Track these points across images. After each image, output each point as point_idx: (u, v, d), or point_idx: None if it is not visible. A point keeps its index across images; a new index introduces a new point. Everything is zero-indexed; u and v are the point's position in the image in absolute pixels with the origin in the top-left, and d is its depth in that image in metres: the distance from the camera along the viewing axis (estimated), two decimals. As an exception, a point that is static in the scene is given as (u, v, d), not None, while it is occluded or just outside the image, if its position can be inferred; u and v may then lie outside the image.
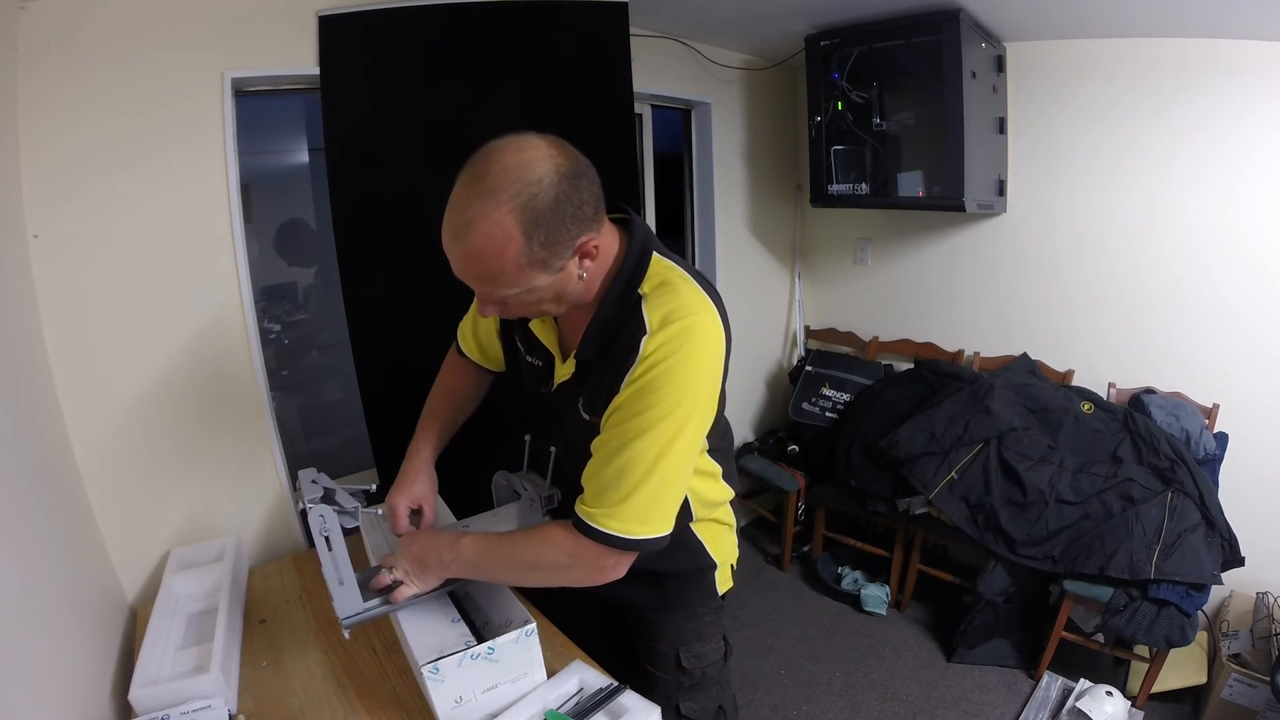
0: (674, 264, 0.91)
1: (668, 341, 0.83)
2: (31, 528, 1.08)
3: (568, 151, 0.81)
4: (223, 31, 1.46)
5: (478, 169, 0.77)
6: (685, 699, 1.18)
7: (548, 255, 0.78)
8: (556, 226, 0.77)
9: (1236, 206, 2.05)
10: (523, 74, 1.78)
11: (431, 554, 0.99)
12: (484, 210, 0.75)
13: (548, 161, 0.77)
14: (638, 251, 0.89)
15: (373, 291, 1.69)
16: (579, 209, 0.79)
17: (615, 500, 0.85)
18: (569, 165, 0.79)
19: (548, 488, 1.15)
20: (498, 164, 0.76)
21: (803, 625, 2.48)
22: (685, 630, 1.15)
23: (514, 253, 0.76)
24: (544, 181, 0.76)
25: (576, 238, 0.80)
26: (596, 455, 0.89)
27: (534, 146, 0.78)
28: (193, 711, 1.00)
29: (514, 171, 0.75)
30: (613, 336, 0.88)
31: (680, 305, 0.85)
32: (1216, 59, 2.00)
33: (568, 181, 0.77)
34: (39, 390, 1.27)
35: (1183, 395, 2.23)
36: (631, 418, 0.84)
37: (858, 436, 2.47)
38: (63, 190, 1.31)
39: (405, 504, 1.09)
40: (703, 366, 0.85)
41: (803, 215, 3.09)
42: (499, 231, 0.75)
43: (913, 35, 2.12)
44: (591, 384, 0.92)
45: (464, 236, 0.77)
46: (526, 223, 0.75)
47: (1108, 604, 1.89)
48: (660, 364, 0.82)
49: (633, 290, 0.88)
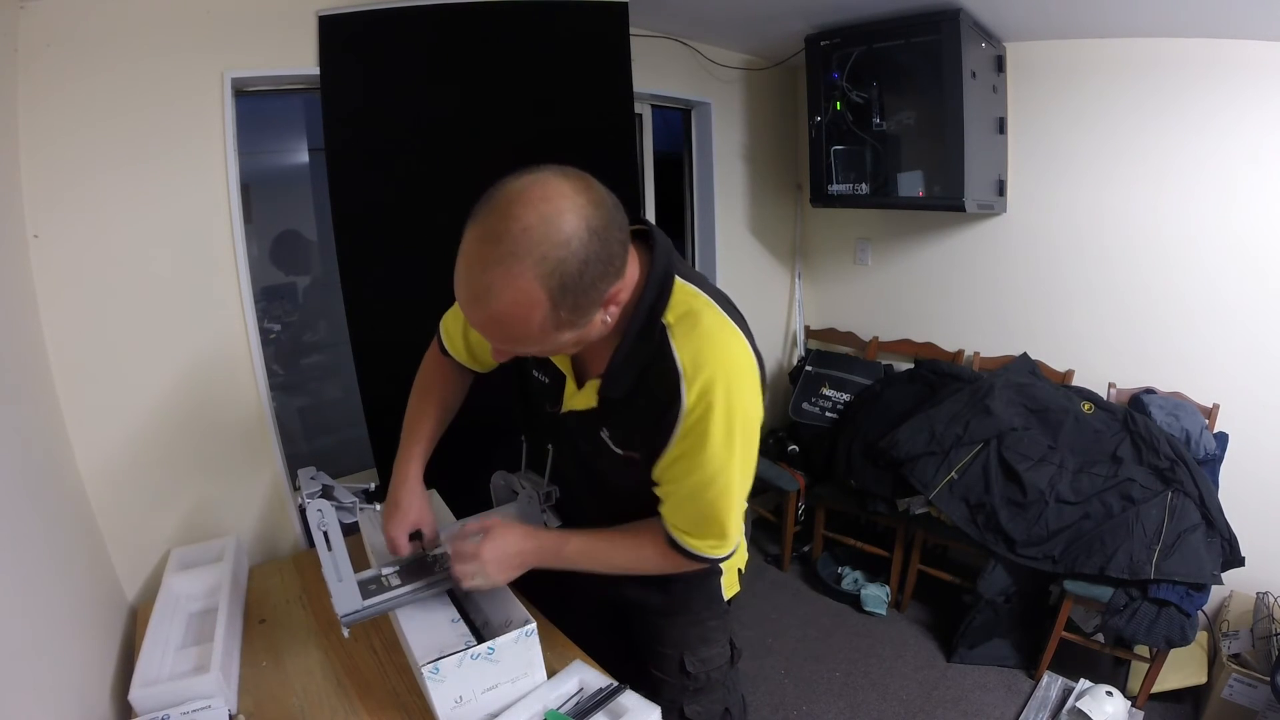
0: (696, 288, 0.86)
1: (709, 388, 0.80)
2: (31, 527, 1.08)
3: (594, 193, 0.72)
4: (223, 31, 1.46)
5: (495, 226, 0.68)
6: (690, 702, 1.17)
7: (574, 317, 0.73)
8: (585, 290, 0.71)
9: (1237, 207, 2.05)
10: (523, 74, 1.78)
11: (534, 559, 1.01)
12: (506, 277, 0.68)
13: (575, 215, 0.69)
14: (659, 278, 0.83)
15: (373, 291, 1.69)
16: (608, 264, 0.73)
17: (706, 533, 0.92)
18: (597, 215, 0.71)
19: (545, 485, 1.15)
20: (519, 221, 0.67)
21: (803, 625, 2.48)
22: (690, 635, 1.15)
23: (539, 319, 0.71)
24: (572, 243, 0.68)
25: (604, 293, 0.75)
26: (672, 498, 0.91)
27: (559, 195, 0.69)
28: (193, 711, 1.00)
29: (538, 231, 0.67)
30: (641, 373, 0.84)
31: (710, 342, 0.82)
32: (1217, 59, 2.00)
33: (597, 238, 0.70)
34: (39, 390, 1.27)
35: (1183, 395, 2.23)
36: (693, 470, 0.85)
37: (858, 436, 2.47)
38: (63, 190, 1.31)
39: (404, 533, 1.07)
40: (747, 403, 0.84)
41: (803, 215, 3.09)
42: (523, 299, 0.69)
43: (913, 35, 2.12)
44: (622, 423, 0.90)
45: (484, 302, 0.70)
46: (554, 290, 0.69)
47: (1108, 604, 1.89)
48: (706, 415, 0.81)
49: (656, 320, 0.83)
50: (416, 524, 1.08)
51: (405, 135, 1.68)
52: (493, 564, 0.99)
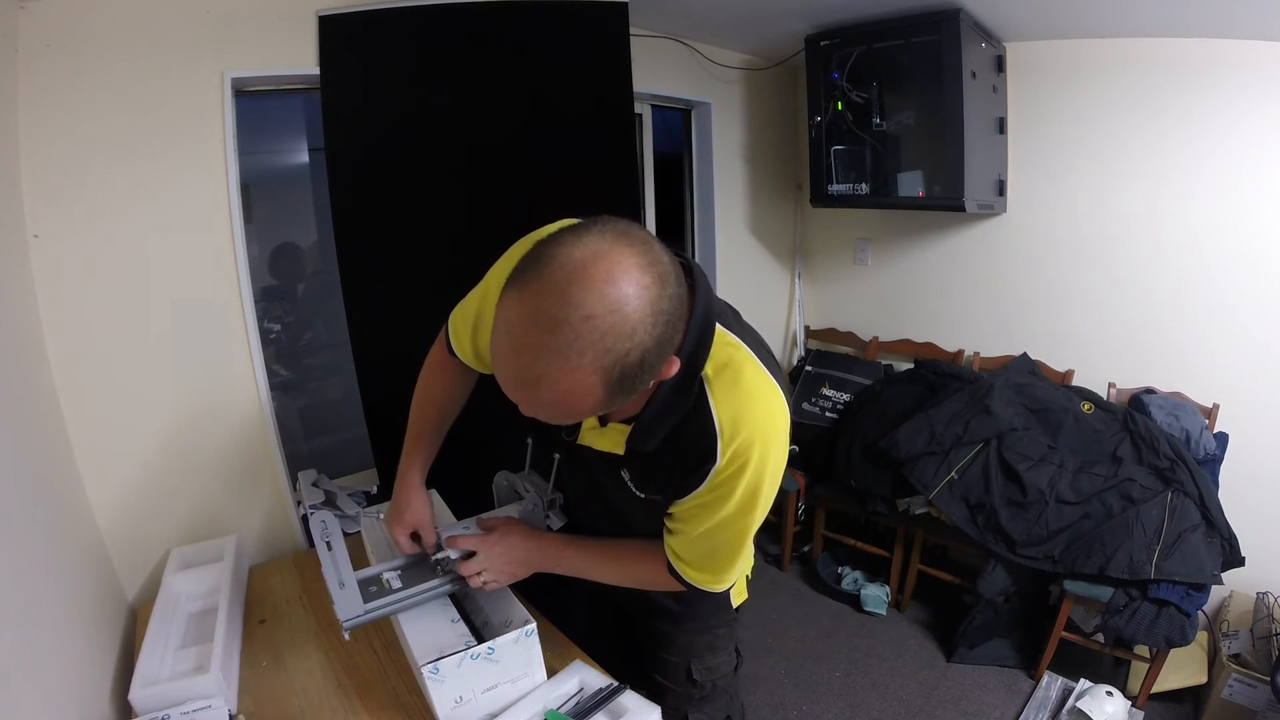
0: (735, 337, 0.81)
1: (744, 448, 0.78)
2: (31, 527, 1.08)
3: (659, 267, 0.64)
4: (223, 31, 1.46)
5: (552, 311, 0.60)
6: (694, 710, 1.17)
7: (626, 398, 0.68)
8: (644, 377, 0.66)
9: (1237, 206, 2.05)
10: (523, 74, 1.78)
11: (536, 558, 1.03)
12: (563, 369, 0.61)
13: (641, 300, 0.61)
14: (699, 327, 0.75)
15: (373, 291, 1.69)
16: (668, 344, 0.67)
17: (710, 569, 0.93)
18: (663, 295, 0.63)
19: (550, 490, 1.15)
20: (580, 309, 0.59)
21: (803, 625, 2.48)
22: (698, 643, 1.15)
23: (591, 404, 0.66)
24: (637, 333, 0.61)
25: (659, 372, 0.69)
26: (681, 535, 0.91)
27: (624, 275, 0.61)
28: (193, 711, 1.00)
29: (602, 322, 0.60)
30: (676, 427, 0.81)
31: (749, 400, 0.78)
32: (1217, 59, 2.00)
33: (662, 323, 0.63)
34: (39, 390, 1.27)
35: (1183, 395, 2.23)
36: (715, 514, 0.85)
37: (858, 436, 2.47)
38: (63, 190, 1.31)
39: (404, 533, 1.08)
40: (778, 462, 0.83)
41: (803, 215, 3.09)
42: (578, 390, 0.63)
43: (913, 35, 2.12)
44: (648, 470, 0.89)
45: (533, 389, 0.64)
46: (612, 384, 0.63)
47: (1108, 604, 1.89)
48: (738, 475, 0.80)
49: (695, 374, 0.77)
50: (413, 524, 1.08)
51: (405, 135, 1.68)
52: (500, 560, 1.00)
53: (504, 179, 1.79)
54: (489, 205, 1.76)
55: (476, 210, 1.76)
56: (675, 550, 0.93)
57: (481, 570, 1.01)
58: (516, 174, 1.80)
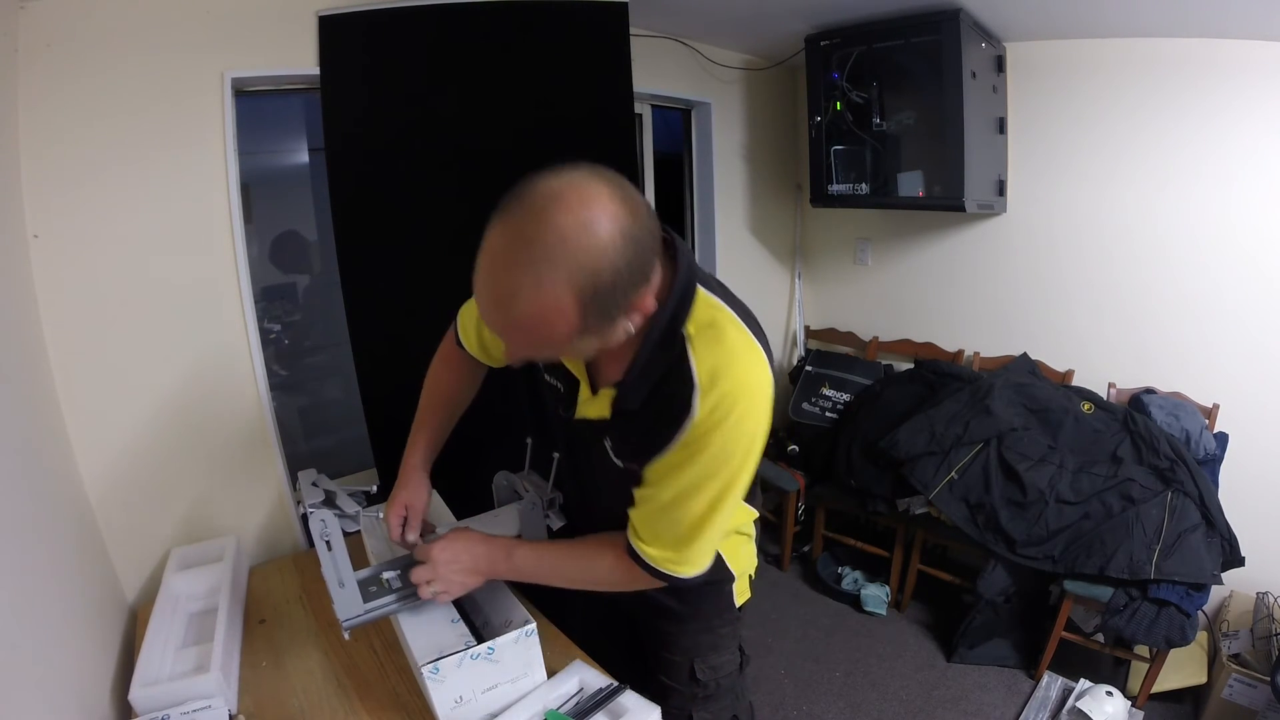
0: (718, 300, 0.84)
1: (721, 402, 0.77)
2: (32, 528, 1.08)
3: (630, 198, 0.69)
4: (223, 31, 1.46)
5: (528, 229, 0.65)
6: (699, 710, 1.17)
7: (600, 325, 0.71)
8: (616, 299, 0.69)
9: (1237, 206, 2.05)
10: (523, 74, 1.78)
11: (485, 564, 0.99)
12: (535, 282, 0.65)
13: (611, 222, 0.66)
14: (681, 287, 0.79)
15: (373, 291, 1.69)
16: (639, 269, 0.70)
17: (670, 548, 0.88)
18: (633, 222, 0.68)
19: (549, 490, 1.15)
20: (553, 225, 0.64)
21: (803, 625, 2.48)
22: (701, 642, 1.14)
23: (564, 328, 0.68)
24: (608, 252, 0.65)
25: (633, 301, 0.72)
26: (648, 503, 0.87)
27: (596, 200, 0.66)
28: (193, 711, 1.00)
29: (574, 238, 0.64)
30: (657, 385, 0.82)
31: (730, 357, 0.79)
32: (1216, 59, 2.00)
33: (633, 245, 0.67)
34: (39, 390, 1.27)
35: (1183, 395, 2.23)
36: (682, 479, 0.82)
37: (858, 436, 2.47)
38: (63, 190, 1.31)
39: (396, 513, 1.07)
40: (757, 425, 0.81)
41: (803, 215, 3.09)
42: (551, 307, 0.66)
43: (913, 35, 2.12)
44: (630, 433, 0.88)
45: (507, 307, 0.68)
46: (585, 300, 0.66)
47: (1108, 604, 1.89)
48: (716, 427, 0.78)
49: (676, 331, 0.80)
50: (407, 504, 1.08)
51: (405, 135, 1.68)
52: (447, 568, 0.97)
53: (504, 179, 1.76)
54: (489, 205, 1.74)
55: (476, 210, 1.73)
56: (636, 526, 0.89)
57: (430, 580, 0.97)
58: (516, 174, 1.77)
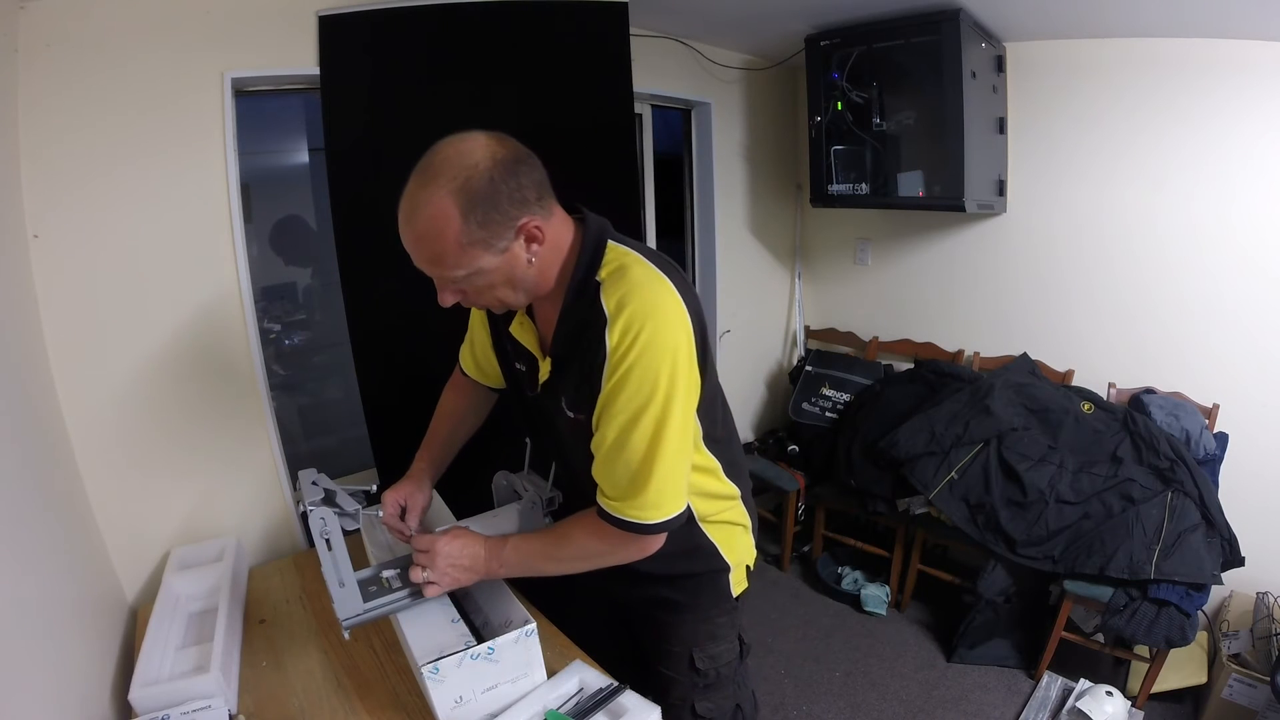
0: (629, 248, 0.93)
1: (629, 328, 0.84)
2: (31, 528, 1.08)
3: (508, 143, 0.85)
4: (223, 31, 1.46)
5: (423, 162, 0.84)
6: (700, 699, 1.17)
7: (487, 235, 0.83)
8: (493, 207, 0.82)
9: (1237, 206, 2.05)
10: (523, 74, 1.78)
11: (481, 564, 1.02)
12: (425, 195, 0.81)
13: (484, 149, 0.82)
14: (593, 240, 0.92)
15: (373, 291, 1.69)
16: (516, 192, 0.83)
17: (630, 493, 0.90)
18: (506, 154, 0.83)
19: (549, 489, 1.15)
20: (440, 155, 0.82)
21: (803, 625, 2.48)
22: (698, 632, 1.15)
23: (454, 231, 0.81)
24: (479, 166, 0.81)
25: (516, 219, 0.84)
26: (598, 454, 0.91)
27: (473, 139, 0.83)
28: (193, 711, 1.00)
29: (453, 159, 0.81)
30: (579, 329, 0.90)
31: (632, 286, 0.87)
32: (1216, 59, 2.00)
33: (504, 167, 0.82)
34: (39, 390, 1.27)
35: (1183, 395, 2.23)
36: (619, 413, 0.87)
37: (858, 436, 2.47)
38: (63, 190, 1.31)
39: (395, 499, 1.11)
40: (667, 341, 0.85)
41: (803, 215, 3.09)
42: (438, 213, 0.81)
43: (913, 35, 2.12)
44: (569, 380, 0.94)
45: (410, 221, 0.84)
46: (463, 203, 0.80)
47: (1108, 604, 1.89)
48: (628, 353, 0.84)
49: (591, 279, 0.90)
50: (404, 497, 1.12)
51: (406, 135, 1.66)
52: (443, 559, 1.00)
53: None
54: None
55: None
56: (599, 483, 0.93)
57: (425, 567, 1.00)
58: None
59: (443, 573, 1.00)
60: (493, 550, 1.02)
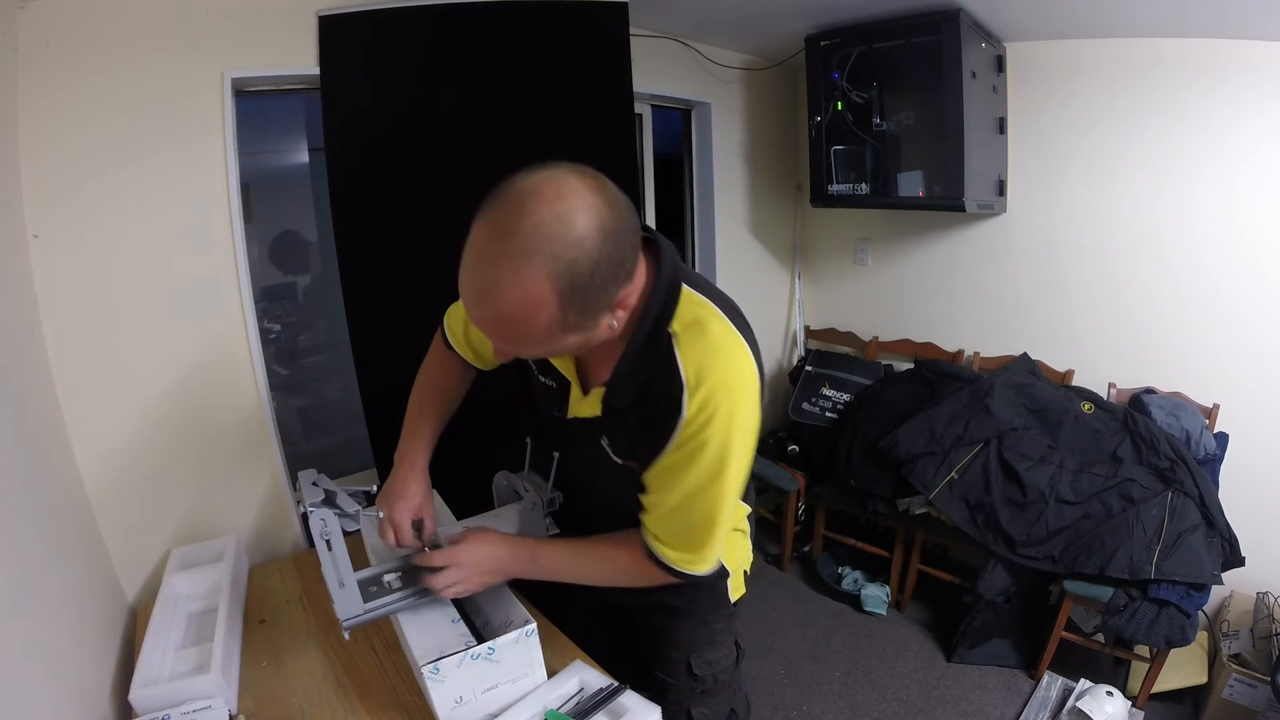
0: (703, 297, 0.84)
1: (707, 402, 0.79)
2: (31, 528, 1.08)
3: (608, 193, 0.70)
4: (223, 31, 1.46)
5: (506, 222, 0.66)
6: (697, 705, 1.17)
7: (582, 319, 0.71)
8: (596, 293, 0.69)
9: (1237, 206, 2.05)
10: (523, 74, 1.78)
11: (509, 564, 1.01)
12: (514, 274, 0.66)
13: (589, 214, 0.66)
14: (666, 285, 0.80)
15: (373, 291, 1.69)
16: (620, 266, 0.71)
17: (685, 546, 0.90)
18: (611, 215, 0.68)
19: (549, 490, 1.14)
20: (530, 218, 0.65)
21: (803, 625, 2.48)
22: (697, 637, 1.14)
23: (545, 320, 0.69)
24: (585, 244, 0.66)
25: (614, 296, 0.73)
26: (657, 509, 0.89)
27: (572, 193, 0.67)
28: (193, 711, 1.00)
29: (550, 230, 0.65)
30: (645, 384, 0.83)
31: (713, 353, 0.80)
32: (1217, 59, 2.00)
33: (611, 239, 0.68)
34: (39, 390, 1.27)
35: (1183, 395, 2.23)
36: (685, 481, 0.84)
37: (858, 436, 2.47)
38: (63, 190, 1.31)
39: (407, 519, 1.04)
40: (747, 418, 0.82)
41: (803, 215, 3.09)
42: (531, 299, 0.67)
43: (913, 35, 2.12)
44: (624, 432, 0.89)
45: (490, 300, 0.68)
46: (564, 291, 0.67)
47: (1108, 604, 1.90)
48: (705, 429, 0.79)
49: (662, 330, 0.81)
50: (419, 511, 1.05)
51: (405, 135, 1.68)
52: (469, 568, 0.98)
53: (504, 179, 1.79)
54: (489, 205, 1.76)
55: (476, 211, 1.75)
56: (651, 529, 0.91)
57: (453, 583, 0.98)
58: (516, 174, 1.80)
59: (471, 580, 0.99)
60: (525, 551, 1.01)
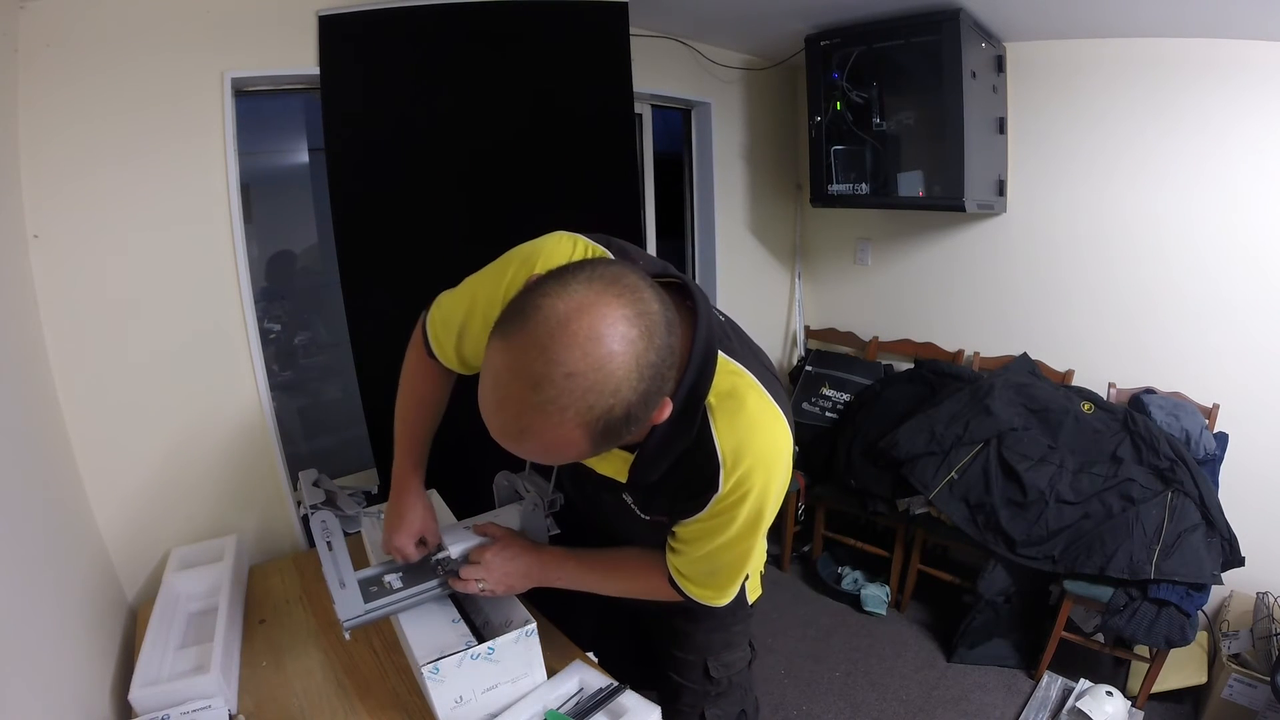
0: (738, 365, 0.79)
1: (744, 480, 0.77)
2: (31, 528, 1.08)
3: (645, 317, 0.61)
4: (223, 31, 1.46)
5: (535, 368, 0.58)
6: (711, 707, 1.18)
7: (616, 443, 0.66)
8: (629, 430, 0.64)
9: (1237, 206, 2.05)
10: (523, 74, 1.78)
11: (537, 571, 1.04)
12: (545, 424, 0.60)
13: (626, 355, 0.59)
14: (701, 356, 0.73)
15: (372, 291, 1.69)
16: (657, 394, 0.64)
17: (711, 584, 0.92)
18: (648, 347, 0.61)
19: (550, 491, 1.14)
20: (561, 367, 0.58)
21: (803, 625, 2.48)
22: (714, 640, 1.15)
23: (576, 453, 0.65)
24: (621, 390, 0.59)
25: (649, 418, 0.66)
26: (684, 555, 0.90)
27: (609, 330, 0.59)
28: (193, 711, 1.00)
29: (585, 379, 0.58)
30: (677, 457, 0.79)
31: (753, 429, 0.77)
32: (1217, 59, 2.00)
33: (647, 379, 0.61)
34: (39, 390, 1.27)
35: (1183, 395, 2.23)
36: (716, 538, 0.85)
37: (858, 436, 2.47)
38: (63, 190, 1.31)
39: (411, 543, 1.06)
40: (781, 486, 0.82)
41: (803, 215, 3.09)
42: (563, 441, 0.62)
43: (913, 35, 2.12)
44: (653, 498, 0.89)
45: (518, 441, 0.63)
46: (596, 436, 0.62)
47: (1108, 604, 1.89)
48: (740, 504, 0.79)
49: (698, 403, 0.75)
50: (421, 532, 1.07)
51: (405, 135, 1.68)
52: (499, 572, 1.01)
53: (504, 179, 1.79)
54: (489, 205, 1.76)
55: (476, 210, 1.76)
56: (678, 567, 0.93)
57: (481, 579, 1.02)
58: (516, 174, 1.80)
59: (498, 581, 1.02)
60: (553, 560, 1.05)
